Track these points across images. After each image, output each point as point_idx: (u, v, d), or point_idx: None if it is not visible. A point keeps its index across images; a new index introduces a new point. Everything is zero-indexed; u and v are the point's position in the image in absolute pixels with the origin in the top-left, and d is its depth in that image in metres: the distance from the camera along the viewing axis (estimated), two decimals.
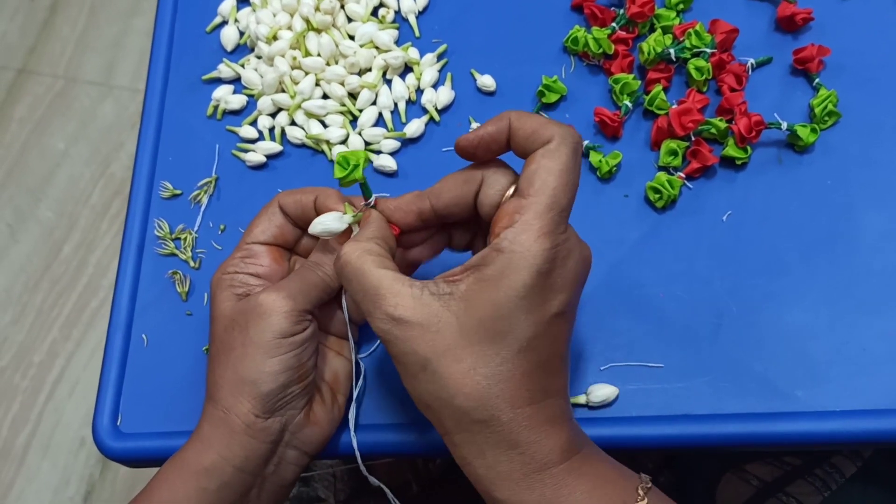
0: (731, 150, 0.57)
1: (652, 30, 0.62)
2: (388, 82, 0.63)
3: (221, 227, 0.60)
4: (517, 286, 0.39)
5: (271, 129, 0.63)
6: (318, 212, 0.49)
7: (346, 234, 0.48)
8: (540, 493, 0.40)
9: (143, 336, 0.57)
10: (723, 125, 0.57)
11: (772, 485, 0.69)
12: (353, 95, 0.63)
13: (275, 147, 0.62)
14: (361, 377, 0.53)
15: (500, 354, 0.40)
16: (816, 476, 0.67)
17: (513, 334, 0.40)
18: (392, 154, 0.61)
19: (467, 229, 0.49)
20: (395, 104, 0.62)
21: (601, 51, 0.61)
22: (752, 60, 0.60)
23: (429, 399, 0.41)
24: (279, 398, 0.46)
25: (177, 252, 0.59)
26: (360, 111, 0.62)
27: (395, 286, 0.41)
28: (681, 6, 0.62)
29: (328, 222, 0.47)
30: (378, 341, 0.55)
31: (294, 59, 0.62)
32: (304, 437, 0.49)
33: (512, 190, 0.43)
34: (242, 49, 0.67)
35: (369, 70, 0.63)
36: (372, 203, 0.47)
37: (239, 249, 0.51)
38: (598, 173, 0.58)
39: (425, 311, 0.40)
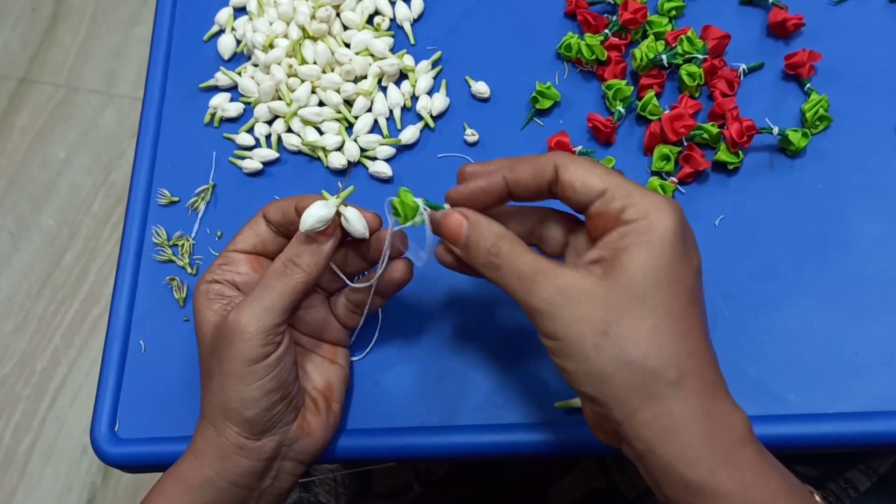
0: (723, 154, 0.57)
1: (644, 36, 0.62)
2: (384, 89, 0.64)
3: (218, 233, 0.61)
4: (669, 234, 0.39)
5: (268, 137, 0.63)
6: (299, 213, 0.47)
7: (333, 224, 0.47)
8: (741, 478, 0.37)
9: (141, 342, 0.58)
10: (715, 130, 0.57)
11: None
12: (348, 102, 0.63)
13: (271, 154, 0.62)
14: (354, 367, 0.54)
15: (677, 307, 0.39)
16: (830, 490, 0.67)
17: (681, 284, 0.39)
18: (387, 160, 0.61)
19: (562, 227, 0.47)
20: (391, 111, 0.63)
21: (594, 57, 0.61)
22: (743, 66, 0.60)
23: (613, 367, 0.38)
24: (266, 420, 0.46)
25: (174, 259, 0.60)
26: (356, 118, 0.62)
27: (552, 265, 0.41)
28: (673, 13, 0.62)
29: (316, 212, 0.46)
30: (371, 343, 0.55)
31: (290, 66, 0.63)
32: (299, 449, 0.49)
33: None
34: (239, 57, 0.67)
35: (365, 77, 0.64)
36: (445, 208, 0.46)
37: (219, 257, 0.50)
38: None
39: (592, 280, 0.39)
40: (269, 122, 0.64)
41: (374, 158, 0.62)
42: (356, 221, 0.47)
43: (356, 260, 0.50)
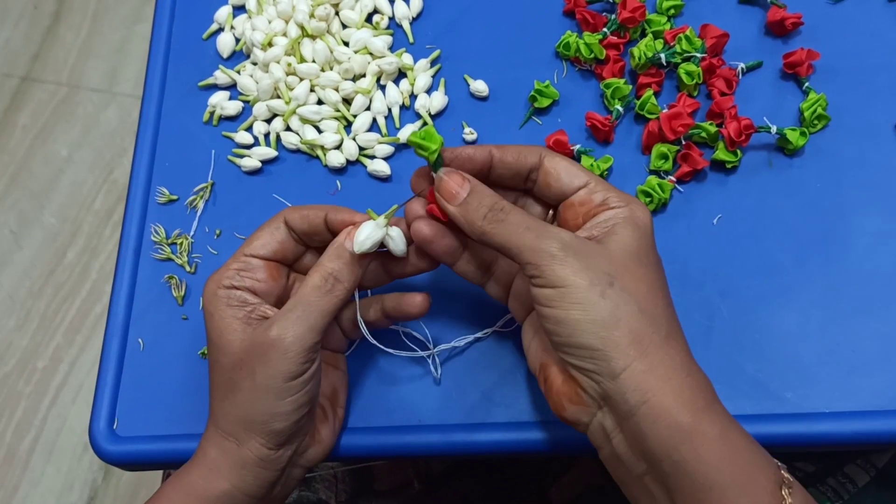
0: (721, 153, 0.57)
1: (643, 35, 0.62)
2: (382, 88, 0.64)
3: (217, 231, 0.61)
4: (649, 224, 0.45)
5: (266, 135, 0.63)
6: (330, 227, 0.48)
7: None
8: (720, 423, 0.40)
9: (140, 340, 0.58)
10: (713, 129, 0.57)
11: None
12: (347, 101, 0.63)
13: (270, 152, 0.62)
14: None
15: (659, 279, 0.44)
16: (829, 486, 0.67)
17: (659, 265, 0.45)
18: (386, 159, 0.61)
19: (541, 208, 0.50)
20: (389, 109, 0.63)
21: (593, 56, 0.61)
22: (742, 65, 0.60)
23: (621, 315, 0.41)
24: (291, 432, 0.46)
25: (173, 257, 0.60)
26: (355, 116, 0.62)
27: (555, 228, 0.43)
28: (672, 11, 0.62)
29: (371, 234, 0.46)
30: (361, 338, 0.55)
31: (289, 65, 0.63)
32: (309, 456, 0.49)
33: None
34: (238, 55, 0.67)
35: (363, 76, 0.64)
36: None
37: (235, 260, 0.48)
38: None
39: (592, 243, 0.43)
40: (268, 121, 0.64)
41: (372, 157, 0.62)
42: (400, 241, 0.48)
43: (379, 273, 0.50)
